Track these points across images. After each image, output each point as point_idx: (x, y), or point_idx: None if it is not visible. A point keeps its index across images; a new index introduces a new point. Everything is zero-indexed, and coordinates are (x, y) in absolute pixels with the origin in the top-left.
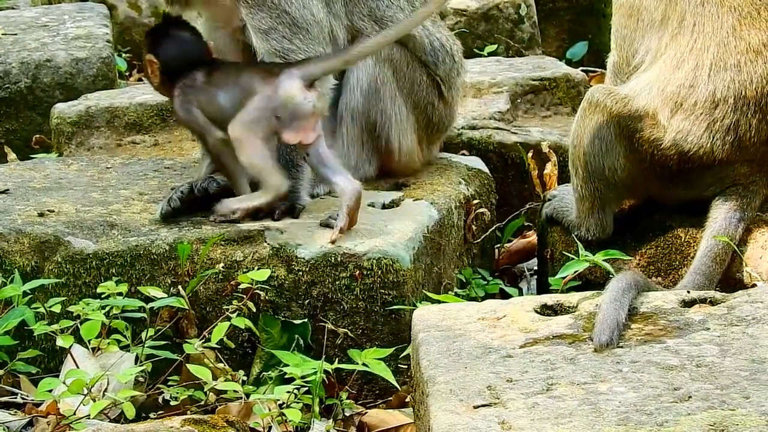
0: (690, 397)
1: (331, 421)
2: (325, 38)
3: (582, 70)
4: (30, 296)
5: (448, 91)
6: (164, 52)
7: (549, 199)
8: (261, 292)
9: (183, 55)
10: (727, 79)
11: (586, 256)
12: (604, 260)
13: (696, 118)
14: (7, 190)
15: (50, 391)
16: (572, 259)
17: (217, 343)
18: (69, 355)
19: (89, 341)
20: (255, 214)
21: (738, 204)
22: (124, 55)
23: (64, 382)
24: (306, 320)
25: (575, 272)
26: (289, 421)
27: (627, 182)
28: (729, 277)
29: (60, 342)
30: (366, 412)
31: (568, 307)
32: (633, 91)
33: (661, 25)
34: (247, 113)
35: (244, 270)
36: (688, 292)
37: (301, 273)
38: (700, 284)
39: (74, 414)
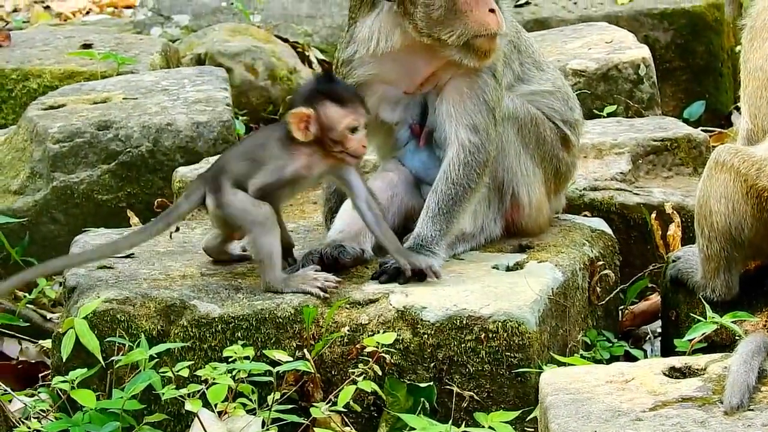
0: None
1: None
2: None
3: (703, 130)
4: (156, 360)
5: (574, 138)
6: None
7: (673, 261)
8: (386, 356)
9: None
10: None
11: (713, 317)
12: (731, 322)
13: None
14: (132, 254)
15: None
16: (698, 320)
17: (343, 407)
18: (197, 419)
19: (216, 405)
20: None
21: None
22: (241, 118)
23: None
24: (431, 383)
25: (703, 334)
26: None
27: (754, 242)
28: None
29: (188, 406)
30: None
31: (697, 369)
32: (764, 148)
33: None
34: None
35: (370, 333)
36: None
37: (426, 336)
38: None
39: None
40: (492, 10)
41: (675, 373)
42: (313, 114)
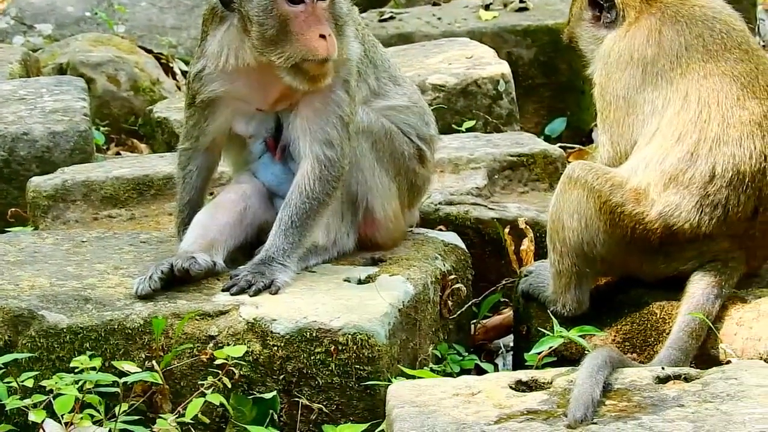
0: None
1: None
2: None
3: (560, 146)
4: (2, 370)
5: (429, 152)
6: None
7: (525, 275)
8: (235, 370)
9: None
10: (728, 154)
11: (560, 331)
12: (579, 336)
13: (689, 192)
14: None
15: None
16: (548, 335)
17: (191, 418)
18: (41, 430)
19: (62, 416)
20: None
21: (716, 280)
22: (102, 128)
23: None
24: (275, 393)
25: (550, 348)
26: None
27: (606, 257)
28: (704, 353)
29: (32, 417)
30: None
31: (543, 383)
32: (625, 167)
33: (662, 109)
34: None
35: (219, 345)
36: (663, 368)
37: (276, 348)
38: (676, 359)
39: None
40: (323, 36)
41: (521, 386)
42: None
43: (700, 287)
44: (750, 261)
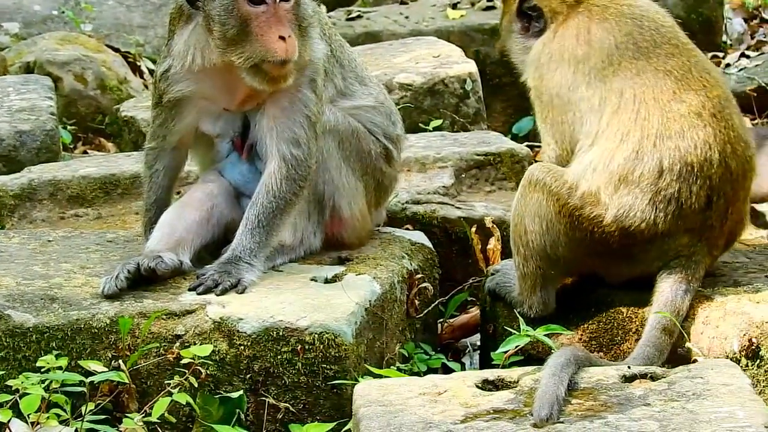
0: None
1: None
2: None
3: (527, 145)
4: None
5: (396, 152)
6: None
7: (492, 274)
8: (201, 369)
9: None
10: (672, 147)
11: (527, 330)
12: (545, 335)
13: (641, 190)
14: None
15: None
16: (514, 334)
17: (157, 418)
18: (8, 429)
19: (29, 416)
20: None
21: (683, 276)
22: (69, 127)
23: None
24: (242, 392)
25: (516, 347)
26: None
27: (569, 259)
28: (670, 352)
29: None
30: None
31: (509, 382)
32: (574, 171)
33: (599, 107)
34: None
35: (186, 344)
36: (629, 367)
37: (242, 347)
38: (650, 356)
39: None
40: (282, 38)
41: (488, 385)
42: None
43: (668, 284)
44: (712, 251)
